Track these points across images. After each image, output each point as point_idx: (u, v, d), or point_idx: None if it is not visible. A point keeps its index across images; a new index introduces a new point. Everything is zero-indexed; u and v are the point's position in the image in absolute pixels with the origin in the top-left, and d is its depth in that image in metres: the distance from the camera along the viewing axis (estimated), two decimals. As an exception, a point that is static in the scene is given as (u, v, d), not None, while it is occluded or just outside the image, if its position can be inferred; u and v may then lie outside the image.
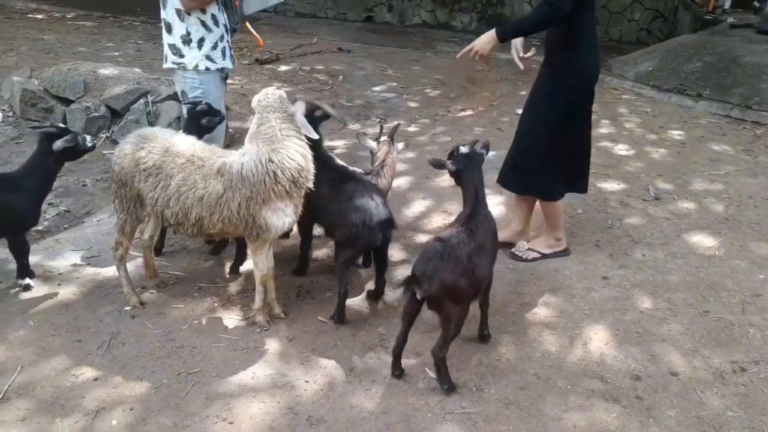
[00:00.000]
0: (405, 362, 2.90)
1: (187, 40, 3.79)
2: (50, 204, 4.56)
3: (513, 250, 3.96)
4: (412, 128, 6.53)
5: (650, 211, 4.62)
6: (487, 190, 4.86)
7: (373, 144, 3.83)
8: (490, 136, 6.23)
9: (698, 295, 3.55)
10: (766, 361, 3.00)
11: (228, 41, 3.99)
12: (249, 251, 3.14)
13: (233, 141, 5.82)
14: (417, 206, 4.64)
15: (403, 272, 3.72)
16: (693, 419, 2.64)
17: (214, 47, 3.86)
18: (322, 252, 3.94)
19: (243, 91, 7.29)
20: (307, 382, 2.79)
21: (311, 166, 2.97)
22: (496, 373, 2.89)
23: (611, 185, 5.08)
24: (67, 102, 5.89)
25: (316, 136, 3.03)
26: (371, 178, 3.58)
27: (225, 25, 3.93)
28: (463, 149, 3.05)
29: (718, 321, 3.32)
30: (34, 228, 3.86)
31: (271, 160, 2.84)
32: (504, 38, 3.46)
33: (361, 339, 3.10)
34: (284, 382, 2.79)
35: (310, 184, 3.00)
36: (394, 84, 8.24)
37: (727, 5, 10.64)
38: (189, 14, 3.73)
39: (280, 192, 2.88)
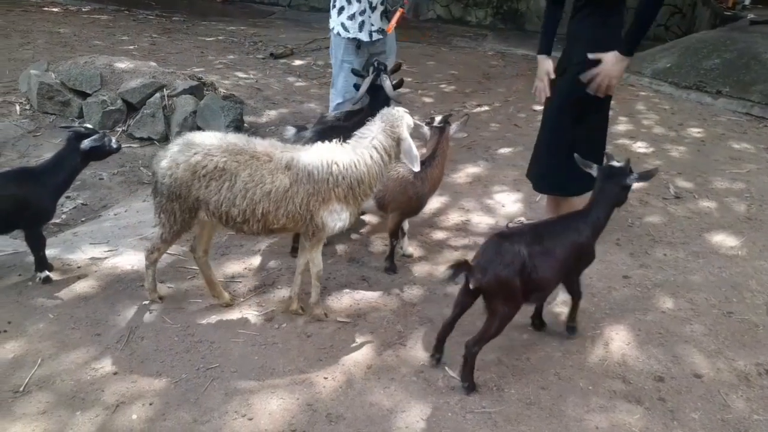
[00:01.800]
0: (425, 361, 2.89)
1: (333, 5, 4.52)
2: (67, 197, 4.57)
3: None
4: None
5: (671, 209, 4.55)
6: (503, 186, 4.87)
7: (425, 130, 3.68)
8: (506, 132, 6.19)
9: (721, 295, 3.50)
10: (792, 364, 2.95)
11: (369, 16, 4.48)
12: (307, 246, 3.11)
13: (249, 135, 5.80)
14: (433, 203, 4.59)
15: (419, 269, 3.70)
16: (718, 422, 2.60)
17: (351, 18, 4.44)
18: (339, 247, 3.92)
19: (258, 85, 7.28)
20: (326, 378, 2.78)
21: (373, 183, 2.98)
22: (517, 372, 2.86)
23: (630, 183, 5.01)
24: (83, 95, 5.91)
25: (416, 169, 3.01)
26: (422, 169, 3.40)
27: (369, 2, 4.42)
28: (615, 162, 2.96)
29: (742, 322, 3.26)
30: (52, 221, 3.87)
31: (336, 163, 2.87)
32: (633, 52, 3.25)
33: (379, 336, 3.08)
34: (303, 379, 2.77)
35: (368, 200, 3.10)
36: (409, 79, 8.18)
37: (747, 1, 10.47)
38: None
39: (339, 195, 2.91)
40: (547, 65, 3.58)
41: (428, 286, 3.53)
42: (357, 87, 4.07)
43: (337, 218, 2.96)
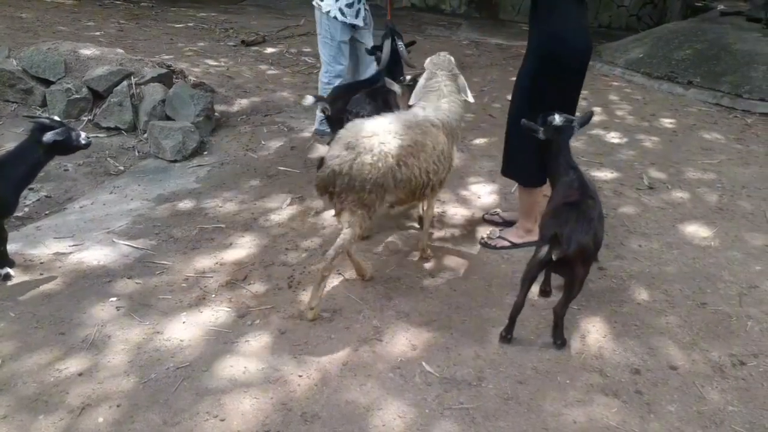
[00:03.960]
0: (401, 357, 2.84)
1: None
2: (30, 189, 4.39)
3: (484, 237, 3.91)
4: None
5: (644, 200, 4.57)
6: (479, 177, 4.84)
7: (396, 87, 4.09)
8: (481, 122, 6.16)
9: (695, 286, 3.51)
10: (765, 354, 2.96)
11: (364, 3, 4.92)
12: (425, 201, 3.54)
13: (219, 125, 5.67)
14: (409, 194, 4.54)
15: (396, 262, 3.64)
16: (694, 414, 2.61)
17: (350, 5, 4.82)
18: (313, 242, 3.83)
19: (229, 73, 7.11)
20: (300, 376, 2.71)
21: (462, 119, 3.58)
22: (494, 366, 2.83)
23: (604, 174, 5.02)
24: (47, 83, 5.70)
25: (472, 100, 3.54)
26: None
27: None
28: (557, 119, 3.15)
29: (716, 313, 3.28)
30: (15, 215, 3.71)
31: (449, 110, 3.36)
32: None
33: (355, 331, 3.02)
34: (277, 377, 2.70)
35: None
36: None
37: (717, -8, 10.61)
38: None
39: (456, 137, 3.44)
40: None
41: (405, 280, 3.47)
42: (371, 52, 4.69)
43: (456, 156, 3.51)
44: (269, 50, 8.39)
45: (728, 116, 6.71)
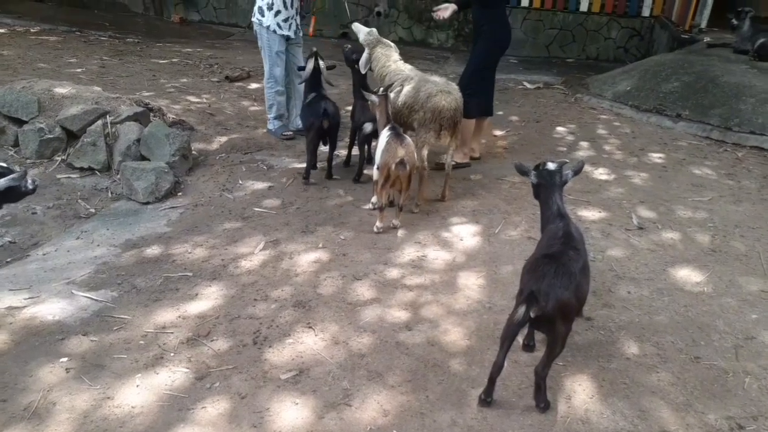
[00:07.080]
0: (371, 425, 2.61)
1: (269, 6, 5.81)
2: (-7, 235, 4.20)
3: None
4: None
5: (634, 241, 4.38)
6: (462, 218, 4.66)
7: (374, 97, 4.57)
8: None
9: (688, 338, 3.30)
10: (765, 417, 2.75)
11: (296, 19, 6.02)
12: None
13: (196, 164, 5.50)
14: (388, 236, 4.35)
15: (370, 313, 3.43)
16: (689, 488, 2.39)
17: (285, 20, 5.88)
18: (284, 292, 3.63)
19: (210, 110, 6.97)
20: (259, 449, 2.48)
21: None
22: (472, 434, 2.61)
23: (592, 213, 4.85)
24: (19, 122, 5.54)
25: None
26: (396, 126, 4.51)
27: (296, 9, 5.97)
28: (550, 165, 3.07)
29: (711, 369, 3.07)
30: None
31: None
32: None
33: (322, 395, 2.79)
34: (233, 450, 2.47)
35: None
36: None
37: (703, 24, 10.59)
38: None
39: None
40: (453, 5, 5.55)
41: (379, 333, 3.26)
42: (302, 68, 5.61)
43: None
44: (253, 86, 8.27)
45: (718, 150, 6.58)
